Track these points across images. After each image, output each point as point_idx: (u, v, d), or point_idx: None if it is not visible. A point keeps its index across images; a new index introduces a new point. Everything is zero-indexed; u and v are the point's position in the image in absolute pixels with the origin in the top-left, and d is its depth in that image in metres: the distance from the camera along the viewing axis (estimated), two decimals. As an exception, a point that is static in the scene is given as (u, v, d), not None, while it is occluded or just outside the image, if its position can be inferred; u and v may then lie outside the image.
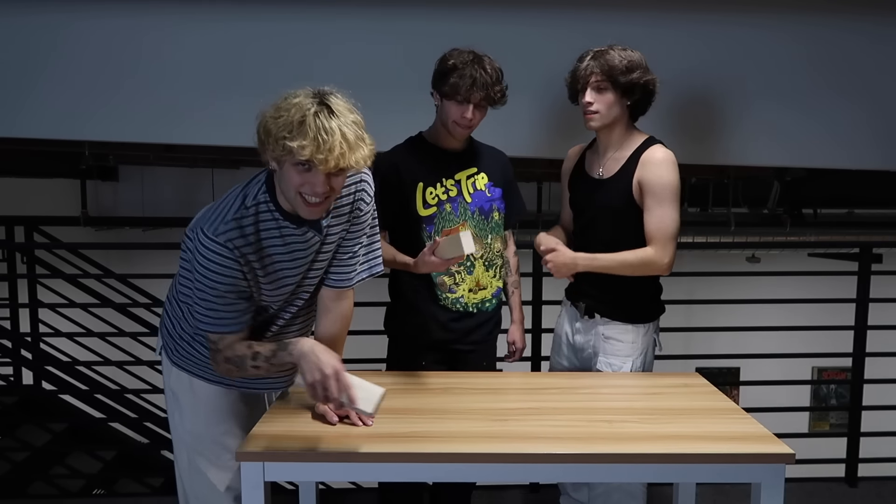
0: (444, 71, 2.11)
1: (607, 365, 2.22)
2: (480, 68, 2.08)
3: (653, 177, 2.10)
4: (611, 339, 2.23)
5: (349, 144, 1.48)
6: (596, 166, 2.25)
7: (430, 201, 2.21)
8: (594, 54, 2.11)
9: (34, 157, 5.26)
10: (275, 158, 1.54)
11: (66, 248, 5.05)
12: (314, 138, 1.46)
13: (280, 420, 1.78)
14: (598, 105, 2.10)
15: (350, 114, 1.52)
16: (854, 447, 3.31)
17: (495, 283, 2.32)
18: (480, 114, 2.16)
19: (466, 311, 2.28)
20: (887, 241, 5.45)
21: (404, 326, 2.33)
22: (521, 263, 3.32)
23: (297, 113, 1.47)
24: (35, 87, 2.82)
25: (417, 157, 2.24)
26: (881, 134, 2.99)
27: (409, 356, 2.29)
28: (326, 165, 1.48)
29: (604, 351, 2.23)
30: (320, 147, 1.46)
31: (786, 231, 5.50)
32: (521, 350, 2.52)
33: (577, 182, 2.32)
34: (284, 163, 1.53)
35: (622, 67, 2.06)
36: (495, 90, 2.11)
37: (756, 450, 1.61)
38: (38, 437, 4.03)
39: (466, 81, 2.06)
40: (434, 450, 1.61)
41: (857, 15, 2.89)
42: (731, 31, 2.88)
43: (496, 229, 2.30)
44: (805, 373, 6.78)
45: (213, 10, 2.79)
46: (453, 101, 2.11)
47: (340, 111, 1.50)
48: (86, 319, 4.51)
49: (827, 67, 2.92)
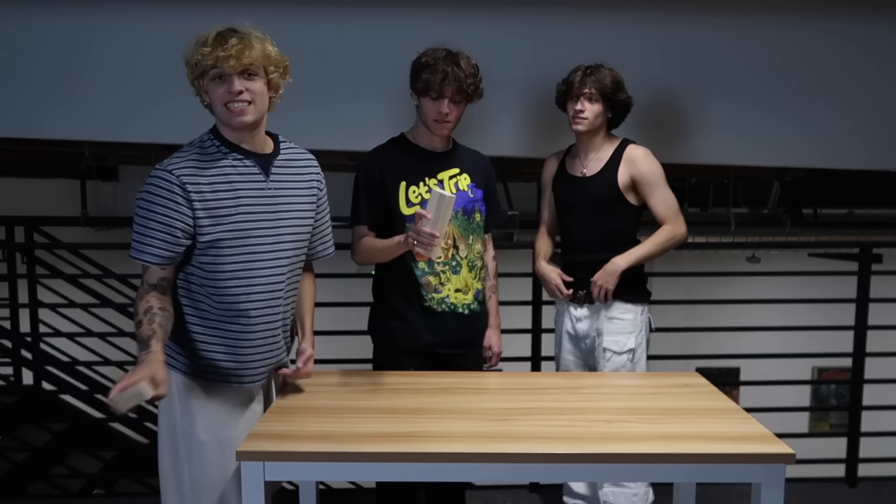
0: (418, 69, 2.16)
1: (613, 342, 2.46)
2: (453, 63, 2.12)
3: (644, 169, 2.43)
4: (614, 318, 2.47)
5: (247, 43, 1.67)
6: (578, 167, 2.52)
7: (413, 200, 2.21)
8: (588, 69, 2.40)
9: (34, 157, 5.26)
10: (200, 87, 1.73)
11: (66, 248, 5.05)
12: (214, 43, 1.66)
13: (280, 420, 1.78)
14: (588, 113, 2.39)
15: (252, 31, 1.71)
16: (854, 447, 3.31)
17: (476, 284, 2.32)
18: (457, 109, 2.18)
19: (453, 312, 2.27)
20: (887, 241, 5.44)
21: (389, 331, 2.30)
22: (520, 265, 3.34)
23: (203, 36, 1.69)
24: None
25: (400, 157, 2.26)
26: (851, 131, 3.04)
27: (394, 361, 2.28)
28: (229, 63, 1.65)
29: (608, 331, 2.47)
30: (223, 48, 1.65)
31: (786, 231, 5.50)
32: (498, 355, 2.52)
33: (561, 183, 2.57)
34: (208, 86, 1.71)
35: (612, 86, 2.39)
36: (468, 83, 2.13)
37: (756, 450, 1.61)
38: (38, 437, 4.03)
39: (438, 77, 2.10)
40: (434, 449, 1.61)
41: (828, 14, 2.93)
42: (692, 31, 2.93)
43: (477, 231, 2.31)
44: (805, 373, 6.79)
45: (166, 7, 2.80)
46: (428, 97, 2.15)
47: (241, 29, 1.70)
48: (86, 319, 4.51)
49: (797, 66, 2.96)
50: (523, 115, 2.94)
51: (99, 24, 2.81)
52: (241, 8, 2.77)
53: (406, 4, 2.84)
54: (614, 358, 2.45)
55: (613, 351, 2.46)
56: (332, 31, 2.85)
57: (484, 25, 2.86)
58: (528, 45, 2.89)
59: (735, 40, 2.93)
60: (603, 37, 2.87)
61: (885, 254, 4.70)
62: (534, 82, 2.84)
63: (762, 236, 5.50)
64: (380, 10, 2.83)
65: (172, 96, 2.80)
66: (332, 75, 2.84)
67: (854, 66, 2.97)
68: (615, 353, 2.45)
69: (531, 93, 2.88)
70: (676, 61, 2.94)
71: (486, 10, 2.87)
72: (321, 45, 2.84)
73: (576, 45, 2.82)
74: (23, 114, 2.87)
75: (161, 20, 2.80)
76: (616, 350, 2.46)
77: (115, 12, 2.80)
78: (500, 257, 2.53)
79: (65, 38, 2.81)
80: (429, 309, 2.25)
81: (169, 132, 2.90)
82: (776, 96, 2.97)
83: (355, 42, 2.87)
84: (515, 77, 2.88)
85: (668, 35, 2.92)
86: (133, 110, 2.87)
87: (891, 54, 2.96)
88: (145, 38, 2.82)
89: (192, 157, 1.74)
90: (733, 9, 2.89)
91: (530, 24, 2.88)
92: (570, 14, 2.88)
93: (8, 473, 3.73)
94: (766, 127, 3.00)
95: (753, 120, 2.99)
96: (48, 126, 2.93)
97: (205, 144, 1.78)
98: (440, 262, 2.23)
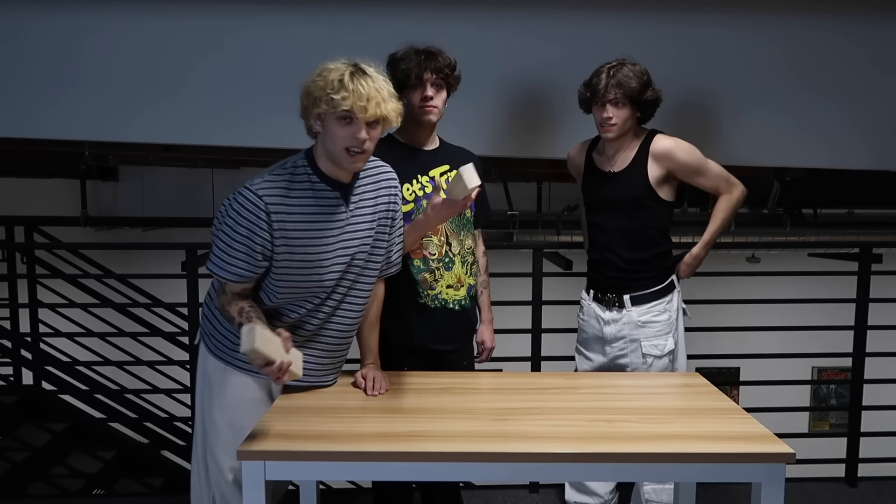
0: (394, 63, 2.19)
1: (653, 347, 2.41)
2: (425, 53, 2.16)
3: (680, 159, 2.34)
4: (648, 323, 2.42)
5: (383, 96, 1.73)
6: (606, 163, 2.44)
7: (407, 197, 2.22)
8: (610, 71, 2.28)
9: (34, 157, 5.27)
10: (318, 118, 1.75)
11: (65, 248, 5.05)
12: (353, 90, 1.69)
13: (280, 420, 1.78)
14: (616, 119, 2.29)
15: (380, 76, 1.76)
16: (854, 447, 3.31)
17: (468, 280, 2.33)
18: (440, 94, 2.20)
19: (444, 308, 2.28)
20: (887, 241, 5.44)
21: (386, 331, 2.30)
22: (520, 265, 3.33)
23: (336, 74, 1.71)
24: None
25: (392, 156, 2.26)
26: (852, 131, 3.04)
27: (391, 360, 2.28)
28: (366, 114, 1.70)
29: (645, 336, 2.42)
30: (360, 96, 1.69)
31: (786, 231, 5.50)
32: (490, 350, 2.53)
33: (588, 180, 2.49)
34: (328, 120, 1.74)
35: (638, 87, 2.26)
36: (445, 65, 2.17)
37: (756, 449, 1.61)
38: (38, 437, 4.03)
39: (414, 63, 2.14)
40: (434, 449, 1.61)
41: (829, 14, 2.93)
42: (700, 31, 2.93)
43: (468, 226, 2.33)
44: (805, 373, 6.78)
45: (164, 8, 2.81)
46: (409, 86, 2.17)
47: (373, 74, 1.74)
48: (86, 319, 4.51)
49: (799, 66, 2.96)
50: (514, 115, 2.94)
51: (92, 24, 2.82)
52: (237, 7, 2.81)
53: (403, 4, 2.84)
54: (655, 362, 2.42)
55: (654, 356, 2.42)
56: (321, 32, 2.85)
57: (476, 24, 2.86)
58: (517, 43, 2.89)
59: (736, 40, 2.93)
60: (603, 36, 2.87)
61: (885, 254, 4.69)
62: (522, 81, 2.84)
63: (762, 236, 5.50)
64: (376, 9, 2.83)
65: (166, 96, 2.82)
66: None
67: (855, 65, 2.97)
68: (656, 357, 2.42)
69: (520, 92, 2.88)
70: (679, 61, 2.93)
71: (481, 10, 2.86)
72: (313, 45, 2.84)
73: (572, 43, 2.83)
74: (18, 114, 2.87)
75: (154, 20, 2.80)
76: (657, 354, 2.42)
77: (109, 12, 2.80)
78: (500, 257, 2.53)
79: (59, 38, 2.82)
80: (422, 306, 2.26)
81: (165, 132, 2.91)
82: (777, 96, 2.97)
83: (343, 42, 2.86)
84: (504, 76, 2.87)
85: (670, 35, 2.91)
86: (128, 110, 2.88)
87: (892, 54, 2.96)
88: (139, 38, 2.83)
89: (282, 183, 1.79)
90: (735, 9, 2.89)
91: (522, 24, 2.89)
92: (566, 13, 2.88)
93: (8, 473, 3.73)
94: (768, 127, 3.00)
95: (755, 120, 2.98)
96: (44, 126, 2.93)
97: (297, 171, 1.82)
98: (434, 258, 2.24)
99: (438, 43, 2.21)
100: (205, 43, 2.82)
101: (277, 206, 1.76)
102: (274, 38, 2.84)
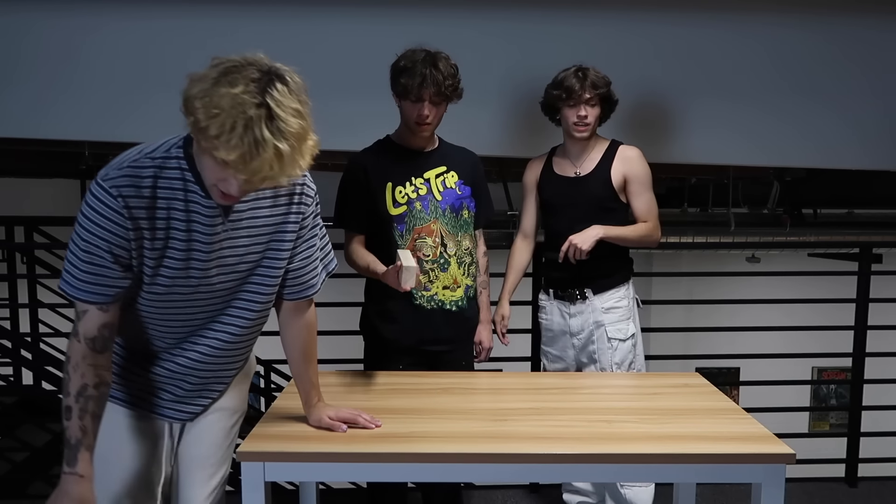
0: (397, 72, 2.16)
1: (617, 331, 2.50)
2: (431, 66, 2.11)
3: (637, 169, 2.47)
4: (611, 309, 2.51)
5: (281, 164, 1.27)
6: (570, 167, 2.53)
7: (399, 200, 2.22)
8: (579, 73, 2.38)
9: (34, 157, 5.27)
10: (195, 139, 1.33)
11: (66, 248, 5.04)
12: (245, 152, 1.23)
13: (280, 420, 1.78)
14: (590, 118, 2.40)
15: (294, 119, 1.26)
16: (854, 447, 3.31)
17: (465, 280, 2.33)
18: (437, 110, 2.18)
19: (441, 308, 2.28)
20: (887, 241, 5.44)
21: (378, 330, 2.32)
22: (521, 263, 3.31)
23: (233, 114, 1.23)
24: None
25: (386, 158, 2.27)
26: (849, 132, 3.05)
27: (385, 360, 2.29)
28: (250, 182, 1.29)
29: (608, 321, 2.50)
30: (247, 161, 1.25)
31: (786, 231, 5.50)
32: (488, 350, 2.53)
33: (550, 185, 2.57)
34: (206, 150, 1.29)
35: (606, 87, 2.40)
36: (447, 85, 2.13)
37: (756, 450, 1.61)
38: (38, 437, 4.02)
39: (416, 80, 2.10)
40: (434, 450, 1.61)
41: (825, 15, 2.94)
42: (688, 32, 2.94)
43: (466, 227, 2.32)
44: (805, 373, 6.79)
45: (161, 9, 2.81)
46: (408, 100, 2.15)
47: (284, 116, 1.25)
48: (86, 319, 4.50)
49: (795, 67, 2.97)
50: (515, 115, 2.94)
51: (92, 25, 2.82)
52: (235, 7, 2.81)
53: (399, 4, 2.84)
54: (620, 346, 2.49)
55: (619, 339, 2.49)
56: (320, 31, 2.85)
57: (472, 25, 2.86)
58: (517, 44, 2.90)
59: (733, 41, 2.94)
60: (596, 36, 2.89)
61: (885, 254, 4.71)
62: (523, 81, 2.84)
63: (762, 236, 5.50)
64: (376, 9, 2.84)
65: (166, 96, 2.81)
66: (322, 73, 2.84)
67: (852, 66, 2.98)
68: (620, 340, 2.49)
69: (521, 92, 2.88)
70: (673, 61, 2.95)
71: (475, 10, 2.87)
72: (310, 45, 2.85)
73: (566, 44, 2.83)
74: (19, 114, 2.88)
75: (155, 20, 2.81)
76: (621, 338, 2.50)
77: (108, 13, 2.81)
78: (500, 257, 2.53)
79: (59, 39, 2.83)
80: (418, 307, 2.26)
81: (165, 132, 2.91)
82: (774, 96, 2.98)
83: (344, 41, 2.87)
84: (504, 76, 2.88)
85: (665, 35, 2.93)
86: (128, 110, 2.88)
87: (888, 55, 2.97)
88: (138, 39, 2.84)
89: (147, 176, 1.42)
90: (730, 10, 2.91)
91: (519, 24, 2.89)
92: (561, 13, 2.89)
93: (8, 473, 3.73)
94: (764, 127, 3.01)
95: (752, 120, 3.00)
96: (44, 126, 2.94)
97: (169, 163, 1.44)
98: (428, 259, 2.24)
99: (439, 44, 2.20)
100: (201, 42, 2.82)
101: (137, 208, 1.39)
102: (274, 38, 2.84)
